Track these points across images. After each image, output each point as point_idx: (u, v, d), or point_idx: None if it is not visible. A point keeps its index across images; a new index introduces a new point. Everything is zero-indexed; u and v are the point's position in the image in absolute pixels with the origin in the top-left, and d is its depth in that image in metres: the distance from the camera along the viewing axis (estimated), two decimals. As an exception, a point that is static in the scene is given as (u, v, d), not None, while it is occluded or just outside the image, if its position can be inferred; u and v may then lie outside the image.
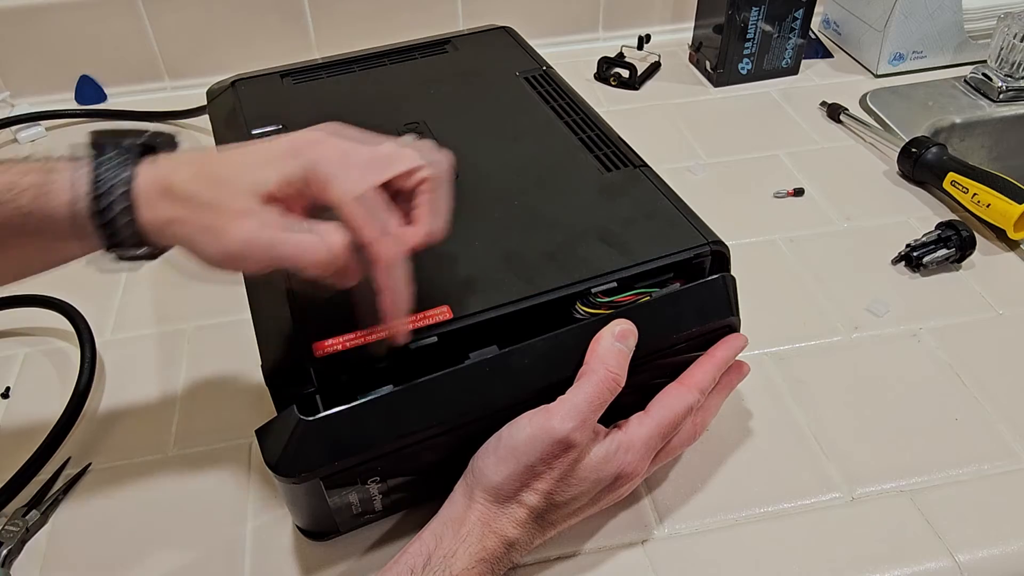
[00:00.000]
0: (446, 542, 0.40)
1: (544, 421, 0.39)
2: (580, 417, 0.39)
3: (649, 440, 0.42)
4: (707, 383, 0.44)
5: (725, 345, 0.46)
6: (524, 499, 0.40)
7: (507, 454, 0.40)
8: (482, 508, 0.40)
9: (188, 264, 0.37)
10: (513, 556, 0.41)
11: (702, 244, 0.45)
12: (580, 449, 0.40)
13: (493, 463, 0.40)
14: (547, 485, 0.40)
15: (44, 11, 0.83)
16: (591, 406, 0.40)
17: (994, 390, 0.54)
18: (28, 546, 0.47)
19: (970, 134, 0.84)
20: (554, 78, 0.64)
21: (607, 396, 0.40)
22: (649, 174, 0.52)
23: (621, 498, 0.45)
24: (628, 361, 0.42)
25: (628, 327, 0.42)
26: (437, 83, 0.63)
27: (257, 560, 0.46)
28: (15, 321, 0.62)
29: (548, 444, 0.39)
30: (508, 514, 0.40)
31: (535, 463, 0.39)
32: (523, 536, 0.41)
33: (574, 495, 0.41)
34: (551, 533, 0.43)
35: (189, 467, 0.51)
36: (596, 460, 0.41)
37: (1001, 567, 0.45)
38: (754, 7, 0.84)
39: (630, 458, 0.42)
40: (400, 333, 0.40)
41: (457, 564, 0.39)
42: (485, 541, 0.40)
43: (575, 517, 0.43)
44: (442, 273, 0.44)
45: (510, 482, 0.40)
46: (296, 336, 0.41)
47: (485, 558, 0.39)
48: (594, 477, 0.41)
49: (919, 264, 0.63)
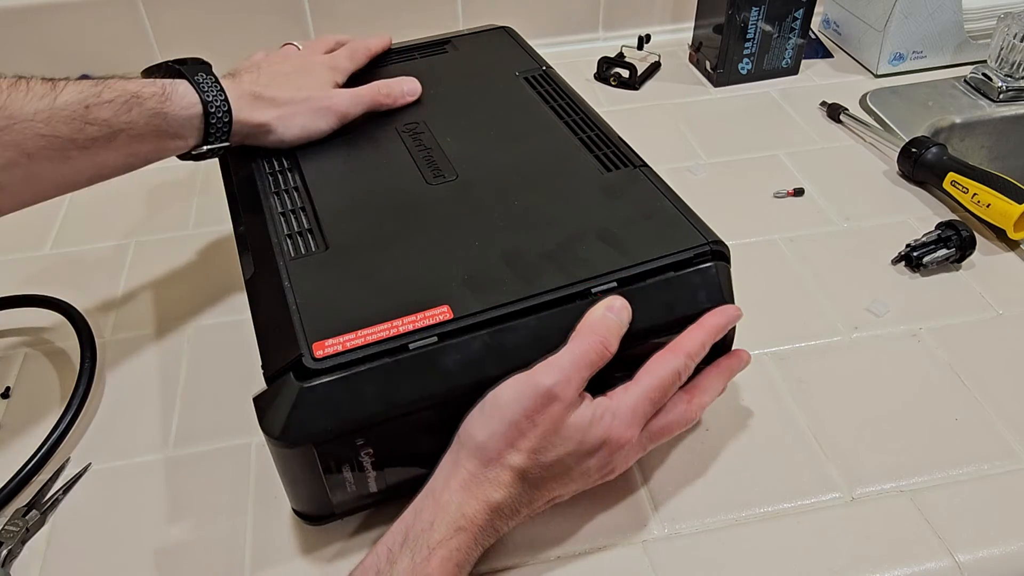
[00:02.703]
0: (425, 514, 0.39)
1: (527, 377, 0.40)
2: (563, 373, 0.39)
3: (636, 406, 0.42)
4: (695, 348, 0.44)
5: (716, 312, 0.45)
6: (508, 460, 0.40)
7: (491, 411, 0.40)
8: (465, 473, 0.40)
9: (189, 264, 0.38)
10: (498, 524, 0.41)
11: (702, 244, 0.45)
12: (564, 405, 0.39)
13: (478, 423, 0.40)
14: (531, 443, 0.39)
15: (44, 11, 0.83)
16: (575, 365, 0.40)
17: (994, 390, 0.54)
18: (28, 546, 0.47)
19: (970, 134, 0.84)
20: (554, 78, 0.64)
21: (594, 359, 0.40)
22: (649, 174, 0.52)
23: (613, 475, 0.44)
24: (620, 332, 0.41)
25: (621, 301, 0.42)
26: (437, 83, 0.63)
27: (257, 560, 0.46)
28: (15, 321, 0.62)
29: (531, 398, 0.39)
30: (492, 477, 0.40)
31: (519, 419, 0.39)
32: (507, 500, 0.40)
33: (559, 456, 0.40)
34: (539, 503, 0.42)
35: (189, 467, 0.51)
36: (582, 421, 0.40)
37: (1001, 567, 0.45)
38: (754, 7, 0.84)
39: (617, 423, 0.41)
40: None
41: (435, 535, 0.38)
42: (465, 508, 0.39)
43: (562, 485, 0.42)
44: (442, 272, 0.45)
45: (494, 441, 0.39)
46: (296, 336, 0.41)
47: (465, 527, 0.39)
48: (579, 438, 0.40)
49: (919, 264, 0.63)
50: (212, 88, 0.50)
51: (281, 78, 0.56)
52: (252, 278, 0.47)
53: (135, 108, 0.47)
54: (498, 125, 0.58)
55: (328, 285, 0.45)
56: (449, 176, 0.52)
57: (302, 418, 0.39)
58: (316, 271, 0.45)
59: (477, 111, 0.60)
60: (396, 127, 0.58)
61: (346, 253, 0.47)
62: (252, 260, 0.48)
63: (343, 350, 0.40)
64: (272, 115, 0.54)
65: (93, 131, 0.45)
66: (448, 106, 0.61)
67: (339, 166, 0.55)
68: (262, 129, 0.54)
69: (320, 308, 0.43)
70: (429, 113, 0.60)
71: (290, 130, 0.54)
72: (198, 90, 0.50)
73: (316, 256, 0.47)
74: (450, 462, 0.41)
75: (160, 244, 0.70)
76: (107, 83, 0.47)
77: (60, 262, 0.69)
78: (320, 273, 0.45)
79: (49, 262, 0.69)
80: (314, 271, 0.45)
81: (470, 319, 0.41)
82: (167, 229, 0.72)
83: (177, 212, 0.74)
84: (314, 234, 0.48)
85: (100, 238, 0.71)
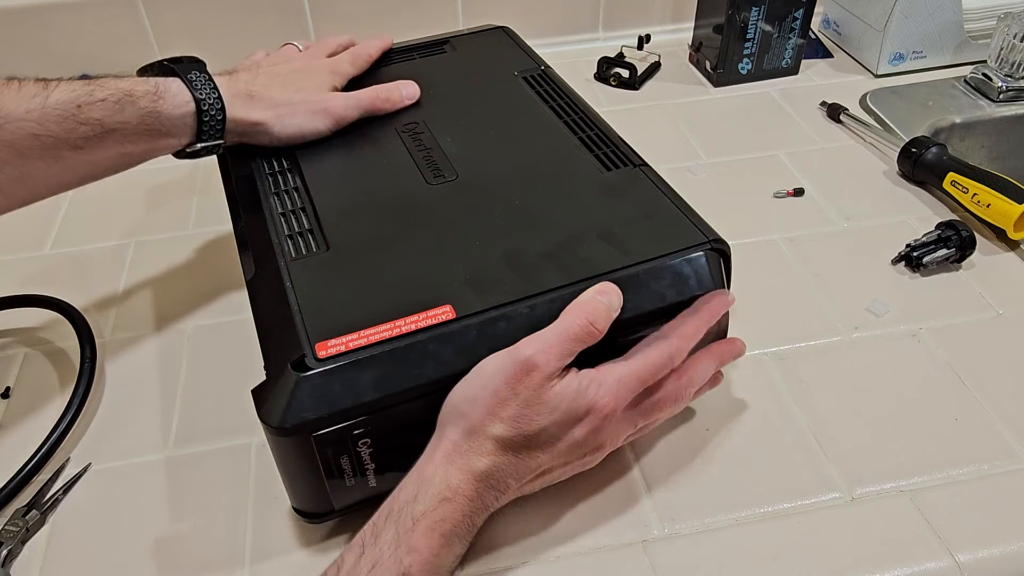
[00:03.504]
0: (409, 487, 0.39)
1: (510, 349, 0.40)
2: (545, 344, 0.40)
3: (623, 379, 0.42)
4: (688, 332, 0.44)
5: (707, 298, 0.45)
6: (490, 429, 0.39)
7: (473, 382, 0.40)
8: (448, 444, 0.40)
9: (189, 264, 0.38)
10: (487, 497, 0.40)
11: (703, 242, 0.46)
12: (544, 375, 0.39)
13: (460, 394, 0.40)
14: (512, 411, 0.39)
15: (44, 11, 0.83)
16: (558, 338, 0.40)
17: (994, 390, 0.54)
18: (28, 546, 0.47)
19: (970, 134, 0.84)
20: (553, 78, 0.64)
21: (579, 334, 0.40)
22: (649, 173, 0.52)
23: (602, 451, 0.44)
24: (608, 314, 0.41)
25: (612, 286, 0.42)
26: (436, 83, 0.63)
27: (258, 560, 0.46)
28: (15, 321, 0.62)
29: (511, 367, 0.39)
30: (475, 447, 0.40)
31: (499, 387, 0.39)
32: (492, 469, 0.40)
33: (543, 425, 0.40)
34: (528, 476, 0.42)
35: (189, 467, 0.51)
36: (566, 391, 0.40)
37: (1001, 567, 0.45)
38: (754, 7, 0.84)
39: (603, 392, 0.41)
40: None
41: (419, 507, 0.38)
42: (450, 479, 0.39)
43: (550, 456, 0.41)
44: (443, 272, 0.45)
45: (476, 410, 0.39)
46: (299, 337, 0.41)
47: (450, 497, 0.39)
48: (564, 407, 0.40)
49: (919, 264, 0.63)
50: (205, 86, 0.50)
51: (279, 78, 0.56)
52: (253, 279, 0.47)
53: (128, 107, 0.47)
54: (498, 125, 0.58)
55: (329, 285, 0.45)
56: (449, 176, 0.52)
57: (300, 407, 0.39)
58: (317, 272, 0.46)
59: (476, 111, 0.60)
60: (396, 127, 0.58)
61: (347, 253, 0.47)
62: (253, 261, 0.48)
63: (346, 350, 0.40)
64: (267, 115, 0.54)
65: (85, 130, 0.45)
66: (447, 106, 0.61)
67: (339, 166, 0.55)
68: (257, 128, 0.54)
69: (322, 308, 0.43)
70: (429, 113, 0.60)
71: (285, 130, 0.55)
72: (191, 88, 0.50)
73: (317, 256, 0.47)
74: (435, 437, 0.41)
75: (160, 244, 0.70)
76: (99, 82, 0.47)
77: (60, 262, 0.69)
78: (321, 273, 0.45)
79: (49, 262, 0.69)
80: (315, 272, 0.45)
81: (472, 319, 0.42)
82: (167, 229, 0.72)
83: (177, 212, 0.74)
84: (315, 234, 0.48)
85: (100, 238, 0.71)
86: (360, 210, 0.50)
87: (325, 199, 0.51)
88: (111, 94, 0.47)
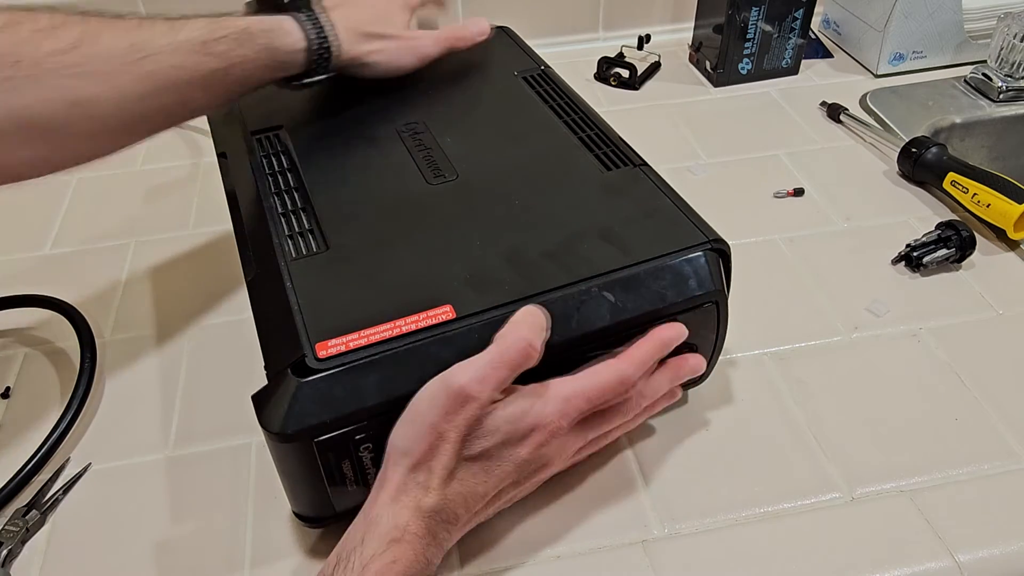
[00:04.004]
0: (356, 532, 0.38)
1: (442, 377, 0.39)
2: (478, 373, 0.39)
3: (570, 398, 0.41)
4: (640, 359, 0.43)
5: (666, 327, 0.45)
6: (433, 464, 0.39)
7: (411, 415, 0.39)
8: (392, 484, 0.39)
9: (189, 264, 0.38)
10: (438, 532, 0.39)
11: (703, 242, 0.45)
12: (480, 403, 0.39)
13: (400, 429, 0.39)
14: (453, 444, 0.39)
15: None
16: (492, 363, 0.39)
17: (994, 390, 0.54)
18: (28, 546, 0.47)
19: (970, 134, 0.84)
20: (552, 78, 0.64)
21: (515, 357, 0.39)
22: (649, 173, 0.52)
23: (549, 469, 0.43)
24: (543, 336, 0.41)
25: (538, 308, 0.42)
26: (436, 83, 0.63)
27: (257, 560, 0.46)
28: (15, 321, 0.62)
29: (445, 397, 0.38)
30: (420, 482, 0.39)
31: (437, 421, 0.38)
32: (439, 504, 0.39)
33: (486, 448, 0.39)
34: (478, 504, 0.41)
35: (189, 467, 0.51)
36: (506, 412, 0.40)
37: (1001, 567, 0.45)
38: (754, 7, 0.84)
39: (548, 410, 0.40)
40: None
41: (367, 551, 0.37)
42: (397, 519, 0.38)
43: (497, 478, 0.41)
44: (443, 272, 0.45)
45: (416, 444, 0.39)
46: (299, 337, 0.41)
47: (398, 538, 0.37)
48: (506, 429, 0.40)
49: (919, 264, 0.63)
50: (315, 24, 0.54)
51: (369, 14, 0.60)
52: (253, 279, 0.47)
53: (247, 43, 0.50)
54: (498, 125, 0.58)
55: (330, 285, 0.45)
56: (449, 176, 0.52)
57: (301, 413, 0.39)
58: (317, 271, 0.45)
59: (477, 111, 0.60)
60: (396, 127, 0.58)
61: (347, 253, 0.47)
62: (253, 261, 0.48)
63: (346, 350, 0.40)
64: (365, 49, 0.58)
65: (212, 63, 0.49)
66: (448, 106, 0.61)
67: (339, 166, 0.55)
68: (356, 62, 0.58)
69: (322, 308, 0.43)
70: (429, 113, 0.60)
71: (379, 65, 0.59)
72: (302, 26, 0.53)
73: (317, 256, 0.47)
74: (379, 478, 0.40)
75: (160, 244, 0.70)
76: (219, 21, 0.50)
77: (60, 262, 0.69)
78: (321, 273, 0.45)
79: (49, 262, 0.69)
80: (315, 271, 0.45)
81: (473, 319, 0.41)
82: (167, 229, 0.72)
83: (177, 212, 0.74)
84: (315, 234, 0.48)
85: (100, 238, 0.71)
86: (360, 210, 0.50)
87: (325, 199, 0.51)
88: (231, 31, 0.50)
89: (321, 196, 0.51)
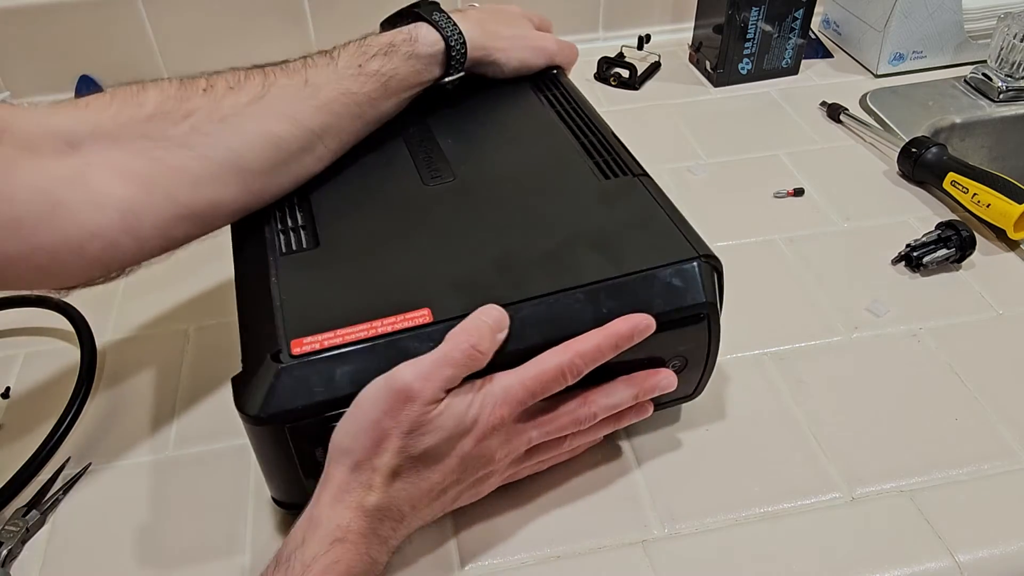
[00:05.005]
0: (297, 533, 0.38)
1: (386, 376, 0.39)
2: (422, 372, 0.38)
3: (510, 388, 0.41)
4: (585, 349, 0.42)
5: (623, 319, 0.43)
6: (376, 462, 0.39)
7: (354, 413, 0.39)
8: (334, 484, 0.39)
9: (189, 264, 0.38)
10: (383, 531, 0.39)
11: (693, 256, 0.45)
12: (423, 402, 0.38)
13: (343, 427, 0.39)
14: (397, 442, 0.38)
15: (44, 11, 0.83)
16: (437, 363, 0.39)
17: (994, 390, 0.54)
18: (28, 546, 0.47)
19: (970, 134, 0.84)
20: (560, 79, 0.63)
21: (460, 359, 0.39)
22: (647, 183, 0.51)
23: (495, 464, 0.43)
24: (494, 339, 0.40)
25: (498, 309, 0.41)
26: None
27: (257, 560, 0.46)
28: (15, 321, 0.62)
29: (387, 395, 0.38)
30: (363, 481, 0.39)
31: (380, 418, 0.38)
32: (384, 502, 0.39)
33: (430, 444, 0.39)
34: (423, 501, 0.41)
35: (189, 467, 0.51)
36: (450, 409, 0.39)
37: (1001, 567, 0.45)
38: (754, 7, 0.84)
39: (488, 402, 0.40)
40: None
41: (308, 552, 0.37)
42: (339, 519, 0.38)
43: (441, 473, 0.41)
44: (427, 275, 0.45)
45: (359, 443, 0.39)
46: (276, 333, 0.41)
47: (341, 538, 0.37)
48: (450, 425, 0.39)
49: (919, 264, 0.63)
50: (448, 25, 0.56)
51: (495, 18, 0.63)
52: (241, 272, 0.48)
53: (393, 56, 0.53)
54: (499, 127, 0.58)
55: (314, 283, 0.45)
56: (447, 177, 0.52)
57: (278, 398, 0.39)
58: (304, 268, 0.46)
59: (479, 112, 0.60)
60: (398, 126, 0.58)
61: (336, 251, 0.47)
62: (244, 255, 0.48)
63: (320, 348, 0.40)
64: (497, 46, 0.60)
65: (372, 83, 0.52)
66: (450, 107, 0.61)
67: (337, 164, 0.55)
68: (488, 59, 0.60)
69: (304, 305, 0.43)
70: (429, 114, 0.59)
71: (511, 63, 0.61)
72: (438, 29, 0.55)
73: (306, 253, 0.47)
74: (322, 479, 0.40)
75: (160, 244, 0.70)
76: (366, 43, 0.53)
77: (60, 262, 0.69)
78: (308, 271, 0.45)
79: (49, 262, 0.69)
80: (302, 268, 0.46)
81: (451, 323, 0.41)
82: (167, 229, 0.71)
83: (177, 212, 0.73)
84: (307, 231, 0.48)
85: (100, 238, 0.71)
86: (355, 208, 0.50)
87: (321, 196, 0.51)
88: (379, 48, 0.53)
89: (317, 193, 0.51)
